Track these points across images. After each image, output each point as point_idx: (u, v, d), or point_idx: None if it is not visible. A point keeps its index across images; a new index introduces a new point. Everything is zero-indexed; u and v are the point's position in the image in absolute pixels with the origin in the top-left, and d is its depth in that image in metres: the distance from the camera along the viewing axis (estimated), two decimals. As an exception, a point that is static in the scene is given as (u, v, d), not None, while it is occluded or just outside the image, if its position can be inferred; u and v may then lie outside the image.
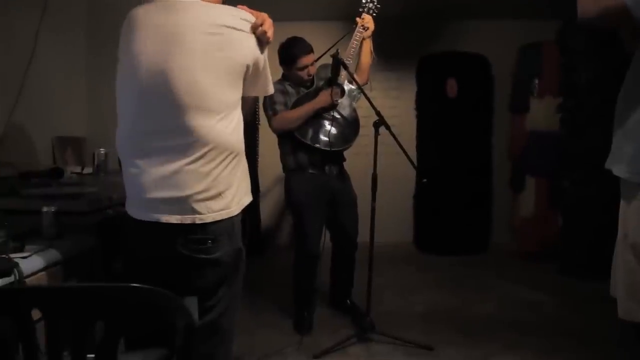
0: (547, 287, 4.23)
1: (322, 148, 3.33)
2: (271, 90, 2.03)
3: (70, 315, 1.30)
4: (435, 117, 5.46)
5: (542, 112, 4.99)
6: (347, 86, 3.44)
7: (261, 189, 5.38)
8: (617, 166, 1.96)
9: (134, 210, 1.86)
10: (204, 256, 1.84)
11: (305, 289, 3.54)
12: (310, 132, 3.33)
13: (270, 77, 2.00)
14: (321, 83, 3.42)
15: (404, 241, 5.61)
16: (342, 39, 3.51)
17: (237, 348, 3.12)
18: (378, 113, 3.13)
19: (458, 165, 5.35)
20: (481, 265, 4.94)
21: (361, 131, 3.50)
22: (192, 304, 1.63)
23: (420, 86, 5.57)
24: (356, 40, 3.37)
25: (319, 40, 3.58)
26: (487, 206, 5.62)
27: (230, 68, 1.80)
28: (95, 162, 2.94)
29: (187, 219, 1.78)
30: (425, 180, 3.24)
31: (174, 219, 1.77)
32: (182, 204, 1.78)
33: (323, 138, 3.34)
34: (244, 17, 1.85)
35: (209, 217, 1.81)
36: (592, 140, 4.17)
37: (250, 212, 5.34)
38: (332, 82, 3.34)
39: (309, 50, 3.38)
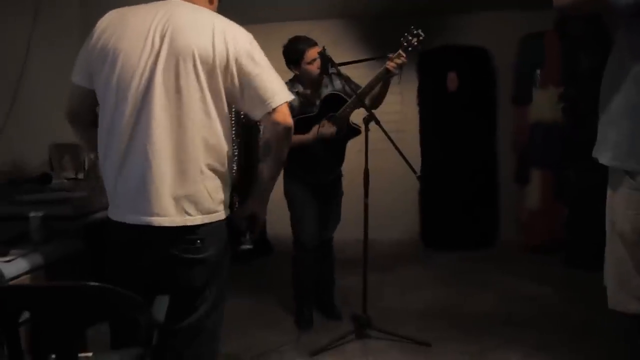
0: (552, 281, 4.17)
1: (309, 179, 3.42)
2: (278, 100, 1.88)
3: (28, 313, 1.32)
4: (438, 111, 5.42)
5: (545, 103, 4.92)
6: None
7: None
8: (603, 154, 1.94)
9: (121, 213, 1.87)
10: (192, 256, 1.85)
11: (303, 282, 3.55)
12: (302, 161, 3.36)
13: (270, 87, 1.88)
14: (311, 109, 3.37)
15: (410, 237, 5.56)
16: (367, 60, 3.49)
17: (234, 346, 3.16)
18: (367, 109, 3.12)
19: (463, 160, 5.30)
20: (487, 260, 4.89)
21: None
22: (162, 303, 1.64)
23: (422, 81, 5.52)
24: (380, 76, 3.15)
25: (318, 40, 3.54)
26: (494, 200, 5.56)
27: (214, 72, 1.81)
28: (86, 167, 2.97)
29: (177, 220, 1.79)
30: (419, 174, 3.20)
31: (166, 221, 1.79)
32: (173, 206, 1.79)
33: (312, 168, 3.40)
34: (228, 23, 1.87)
35: (197, 220, 1.82)
36: (595, 128, 4.10)
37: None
38: (325, 71, 3.32)
39: (314, 43, 3.36)
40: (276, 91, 1.89)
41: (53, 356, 1.36)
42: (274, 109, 1.87)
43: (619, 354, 2.71)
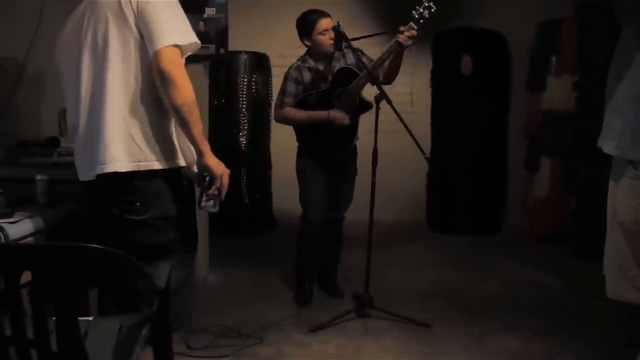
0: (556, 269, 4.16)
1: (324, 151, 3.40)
2: (162, 41, 1.85)
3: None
4: (450, 94, 5.36)
5: (558, 91, 4.86)
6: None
7: (273, 164, 5.39)
8: (607, 143, 1.93)
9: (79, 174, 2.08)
10: (132, 217, 1.94)
11: (306, 257, 3.56)
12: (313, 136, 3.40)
13: (159, 27, 1.86)
14: (323, 85, 3.35)
15: (417, 219, 5.55)
16: (378, 34, 3.49)
17: (234, 319, 3.18)
18: (379, 87, 3.09)
19: (473, 144, 5.27)
20: (492, 246, 4.88)
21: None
22: (163, 270, 1.64)
23: (436, 63, 5.46)
24: (392, 49, 3.10)
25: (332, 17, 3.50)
26: (502, 186, 5.53)
27: (126, 22, 1.91)
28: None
29: (109, 168, 1.90)
30: (427, 156, 3.17)
31: (98, 169, 1.92)
32: (107, 155, 1.91)
33: (322, 143, 3.38)
34: None
35: (126, 166, 1.91)
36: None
37: (262, 187, 5.36)
38: (338, 47, 3.27)
39: (327, 14, 3.33)
40: (162, 30, 1.86)
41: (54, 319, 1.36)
42: (156, 51, 1.85)
43: (618, 342, 2.72)
